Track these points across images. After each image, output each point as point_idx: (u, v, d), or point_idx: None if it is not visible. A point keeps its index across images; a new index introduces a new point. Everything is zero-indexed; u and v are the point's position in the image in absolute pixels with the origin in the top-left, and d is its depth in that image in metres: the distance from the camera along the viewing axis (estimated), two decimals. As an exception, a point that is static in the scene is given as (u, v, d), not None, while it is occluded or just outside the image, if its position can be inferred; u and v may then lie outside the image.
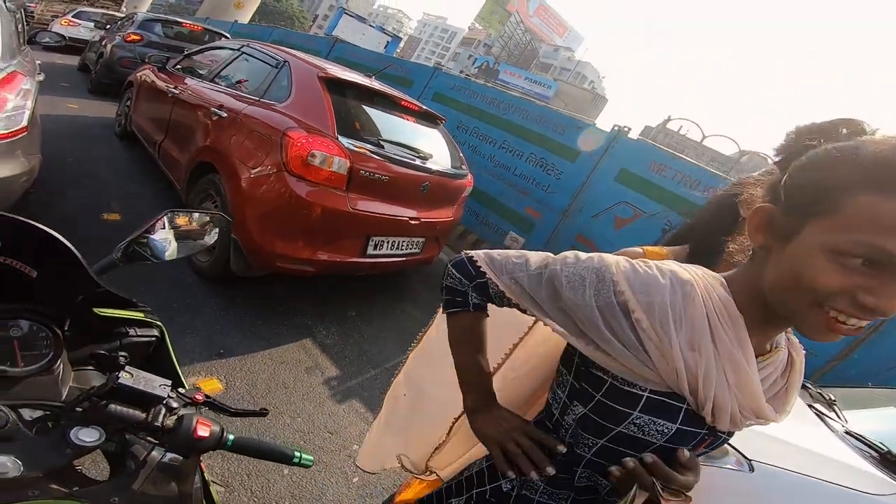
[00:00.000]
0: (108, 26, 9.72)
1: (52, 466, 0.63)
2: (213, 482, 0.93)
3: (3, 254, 0.65)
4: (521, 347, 1.05)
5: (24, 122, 2.08)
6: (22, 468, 0.58)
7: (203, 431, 0.66)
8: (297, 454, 0.71)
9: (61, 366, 0.77)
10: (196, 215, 0.96)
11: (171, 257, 0.89)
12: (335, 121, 2.50)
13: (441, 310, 0.88)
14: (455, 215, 3.23)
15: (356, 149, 2.47)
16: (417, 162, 2.78)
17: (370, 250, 2.66)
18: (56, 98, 5.59)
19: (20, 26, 2.87)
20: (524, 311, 0.73)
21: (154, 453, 0.71)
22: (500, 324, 0.90)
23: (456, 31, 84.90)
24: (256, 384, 2.13)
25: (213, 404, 0.73)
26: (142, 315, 0.87)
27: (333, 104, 2.58)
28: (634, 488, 0.62)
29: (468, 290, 0.79)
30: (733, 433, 0.68)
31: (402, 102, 2.97)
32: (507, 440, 0.75)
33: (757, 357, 0.60)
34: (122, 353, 0.80)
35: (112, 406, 0.63)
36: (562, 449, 0.72)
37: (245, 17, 17.04)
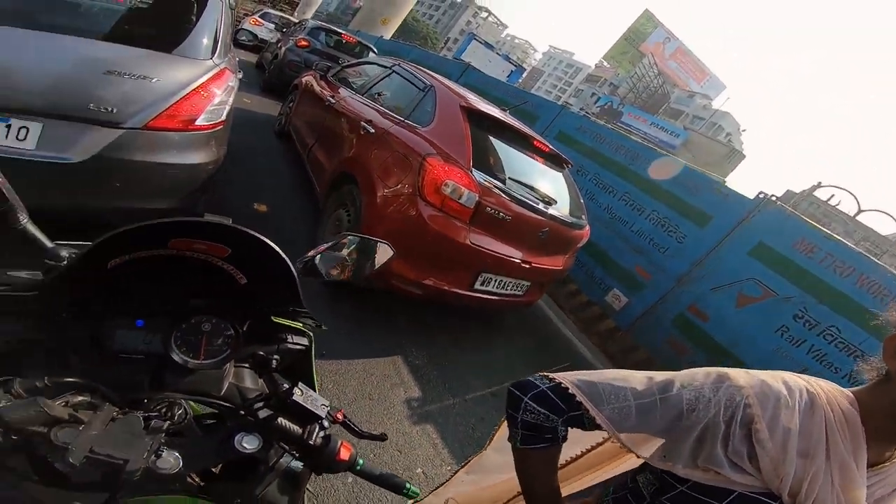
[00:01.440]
0: (284, 29, 11.00)
1: (206, 467, 0.71)
2: (307, 490, 1.03)
3: (229, 260, 0.72)
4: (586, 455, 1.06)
5: (223, 117, 2.38)
6: (181, 465, 0.63)
7: (345, 455, 0.71)
8: (408, 486, 0.76)
9: (229, 365, 0.84)
10: (364, 241, 0.99)
11: (336, 278, 0.95)
12: (472, 152, 2.61)
13: (509, 438, 0.82)
14: (565, 265, 3.19)
15: (486, 183, 2.56)
16: (540, 206, 2.80)
17: (477, 285, 2.74)
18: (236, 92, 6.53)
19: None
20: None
21: (282, 461, 0.77)
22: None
23: (581, 66, 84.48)
24: (345, 391, 2.26)
25: (347, 425, 0.78)
26: (300, 325, 0.95)
27: (472, 135, 2.69)
28: None
29: (557, 426, 0.75)
30: None
31: (535, 142, 3.02)
32: None
33: (873, 465, 0.64)
34: (275, 357, 0.85)
35: (280, 419, 0.70)
36: None
37: (388, 33, 18.58)
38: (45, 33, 2.04)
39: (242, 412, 0.70)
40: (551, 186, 3.05)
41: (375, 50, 9.17)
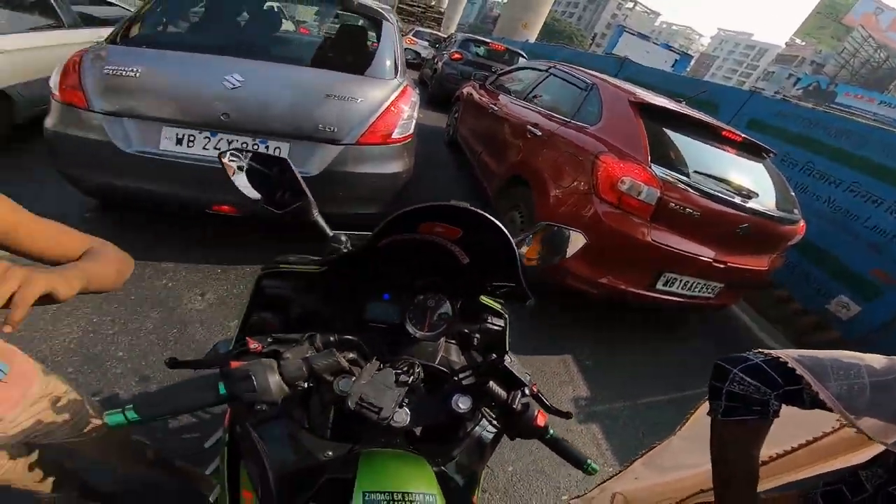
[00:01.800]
0: (437, 45, 11.83)
1: (426, 423, 0.77)
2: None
3: (458, 242, 0.78)
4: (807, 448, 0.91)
5: (411, 130, 2.67)
6: (409, 420, 0.71)
7: (541, 421, 0.75)
8: (588, 462, 0.77)
9: (444, 337, 0.95)
10: (558, 229, 1.04)
11: (528, 265, 0.98)
12: (649, 147, 2.49)
13: (708, 412, 0.77)
14: (771, 265, 2.78)
15: (668, 178, 2.41)
16: (737, 200, 2.51)
17: (659, 285, 2.57)
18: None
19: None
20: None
21: (477, 429, 0.85)
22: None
23: (766, 47, 72.28)
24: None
25: (538, 397, 0.81)
26: (498, 306, 1.04)
27: (647, 130, 2.57)
28: None
29: (769, 399, 0.68)
30: None
31: (723, 132, 2.73)
32: None
33: None
34: (476, 335, 0.93)
35: (492, 383, 0.74)
36: None
37: (532, 36, 18.60)
38: (275, 63, 2.44)
39: (456, 378, 0.77)
40: (749, 178, 2.71)
41: (525, 55, 9.25)
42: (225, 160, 1.02)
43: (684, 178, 2.47)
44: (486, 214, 0.69)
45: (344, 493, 0.62)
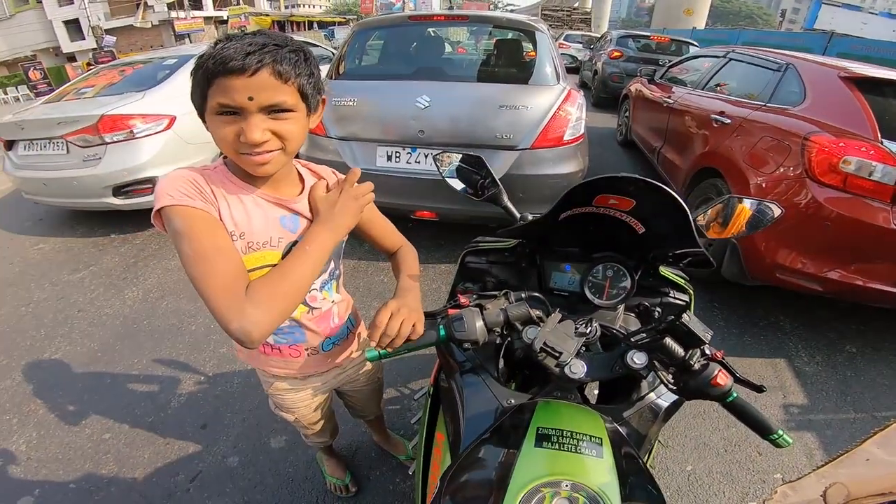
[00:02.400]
0: (591, 46, 11.61)
1: (600, 377, 0.80)
2: (658, 441, 1.03)
3: (632, 213, 0.82)
4: None
5: (582, 131, 2.77)
6: (585, 372, 0.77)
7: (722, 381, 0.73)
8: (780, 433, 0.73)
9: (622, 307, 0.99)
10: (748, 200, 0.98)
11: (714, 237, 0.98)
12: (877, 122, 2.16)
13: None
14: None
15: None
16: None
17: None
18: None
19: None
20: None
21: (652, 395, 0.85)
22: None
23: None
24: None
25: (724, 364, 0.78)
26: (682, 281, 1.03)
27: (870, 104, 2.25)
28: None
29: None
30: None
31: None
32: None
33: None
34: (657, 309, 0.92)
35: (668, 339, 0.74)
36: None
37: (700, 23, 16.81)
38: (451, 82, 2.77)
39: (633, 339, 0.79)
40: None
41: (696, 43, 8.49)
42: (438, 162, 1.25)
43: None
44: (658, 183, 0.73)
45: (519, 434, 0.68)
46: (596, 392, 1.17)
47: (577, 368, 0.77)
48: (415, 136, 2.66)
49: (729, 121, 2.92)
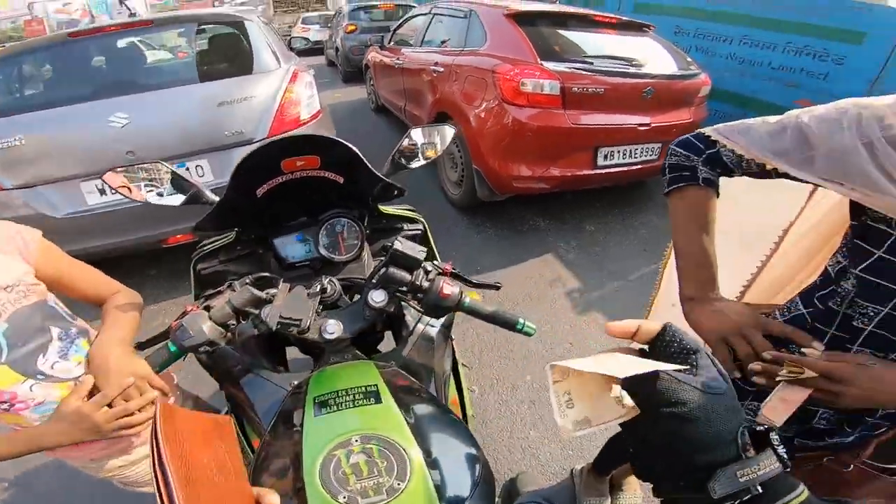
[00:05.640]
0: (329, 24, 11.66)
1: (360, 328, 0.85)
2: (462, 364, 1.18)
3: (323, 168, 0.88)
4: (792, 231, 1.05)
5: (318, 107, 2.81)
6: (342, 329, 0.81)
7: (447, 291, 0.80)
8: (521, 322, 0.81)
9: (366, 255, 1.09)
10: (427, 130, 1.16)
11: (417, 165, 1.12)
12: (534, 49, 2.76)
13: (665, 192, 0.85)
14: (695, 116, 3.11)
15: (563, 69, 2.68)
16: (632, 70, 2.85)
17: (600, 161, 2.83)
18: (324, 92, 7.32)
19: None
20: (766, 175, 0.71)
21: (419, 325, 0.98)
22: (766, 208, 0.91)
23: None
24: (507, 295, 2.54)
25: (457, 275, 0.87)
26: (411, 214, 1.18)
27: (528, 35, 2.85)
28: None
29: (696, 165, 0.78)
30: None
31: (597, 17, 3.09)
32: (733, 335, 0.70)
33: None
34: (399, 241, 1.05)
35: (391, 269, 0.81)
36: (818, 346, 0.65)
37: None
38: (154, 91, 2.54)
39: (372, 281, 0.85)
40: (636, 51, 3.05)
41: (415, 4, 9.17)
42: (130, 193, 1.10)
43: (578, 64, 2.76)
44: (323, 135, 0.82)
45: (300, 411, 0.70)
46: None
47: (333, 328, 0.80)
48: (124, 159, 2.34)
49: (442, 69, 3.35)
